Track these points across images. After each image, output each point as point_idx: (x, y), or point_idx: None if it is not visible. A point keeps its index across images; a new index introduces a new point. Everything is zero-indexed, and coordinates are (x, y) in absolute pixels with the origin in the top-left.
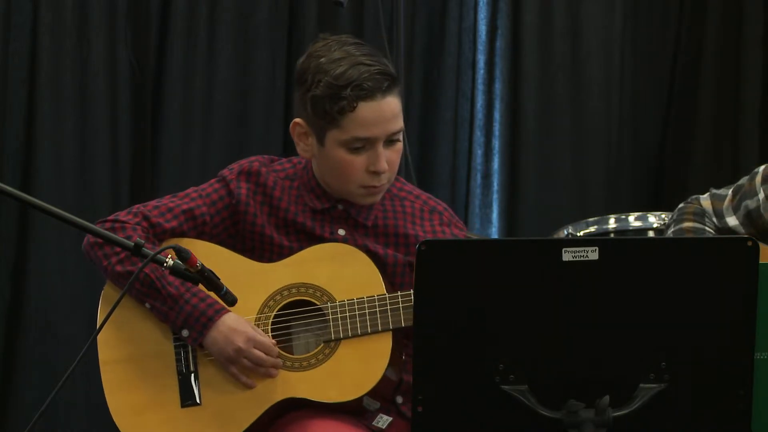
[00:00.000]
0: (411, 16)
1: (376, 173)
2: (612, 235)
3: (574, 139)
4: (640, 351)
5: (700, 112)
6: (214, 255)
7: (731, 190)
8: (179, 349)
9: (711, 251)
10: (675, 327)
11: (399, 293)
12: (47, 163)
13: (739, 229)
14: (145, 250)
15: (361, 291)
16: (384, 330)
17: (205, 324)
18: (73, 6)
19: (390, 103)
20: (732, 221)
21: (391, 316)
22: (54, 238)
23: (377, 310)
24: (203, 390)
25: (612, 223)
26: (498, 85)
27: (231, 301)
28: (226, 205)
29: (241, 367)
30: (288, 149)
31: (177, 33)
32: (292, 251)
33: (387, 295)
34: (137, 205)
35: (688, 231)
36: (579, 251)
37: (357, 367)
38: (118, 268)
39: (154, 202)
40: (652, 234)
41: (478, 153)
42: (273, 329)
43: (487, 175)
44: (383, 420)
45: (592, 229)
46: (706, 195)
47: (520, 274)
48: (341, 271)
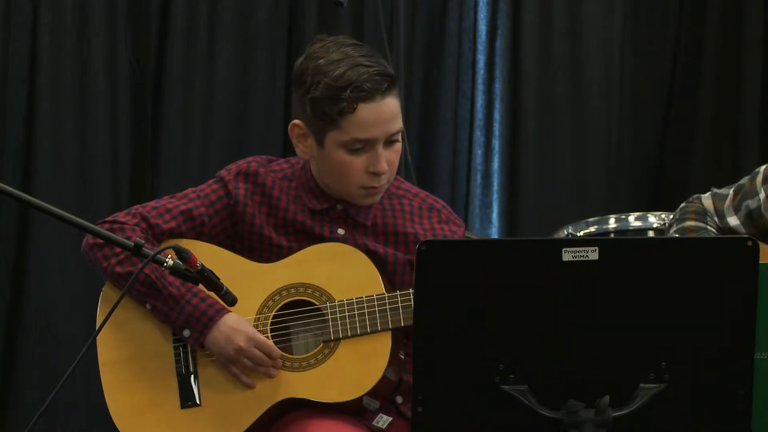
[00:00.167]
0: (411, 16)
1: (376, 174)
2: (612, 235)
3: (574, 139)
4: (640, 351)
5: (700, 112)
6: (212, 255)
7: (732, 189)
8: (179, 349)
9: (711, 251)
10: (675, 327)
11: (398, 293)
12: (47, 163)
13: (740, 229)
14: (146, 250)
15: (360, 291)
16: (383, 330)
17: (206, 324)
18: (73, 6)
19: (389, 104)
20: (733, 221)
21: (390, 315)
22: (54, 238)
23: (376, 309)
24: (203, 391)
25: (612, 223)
26: (498, 85)
27: (231, 301)
28: (224, 205)
29: (242, 367)
30: (288, 149)
31: (177, 33)
32: (291, 251)
33: (386, 294)
34: (136, 206)
35: (690, 230)
36: (579, 251)
37: (357, 367)
38: (118, 269)
39: (153, 203)
40: (652, 234)
41: (478, 153)
42: (272, 329)
43: (487, 175)
44: (383, 420)
45: (592, 229)
46: (708, 194)
47: (520, 274)
48: (340, 270)
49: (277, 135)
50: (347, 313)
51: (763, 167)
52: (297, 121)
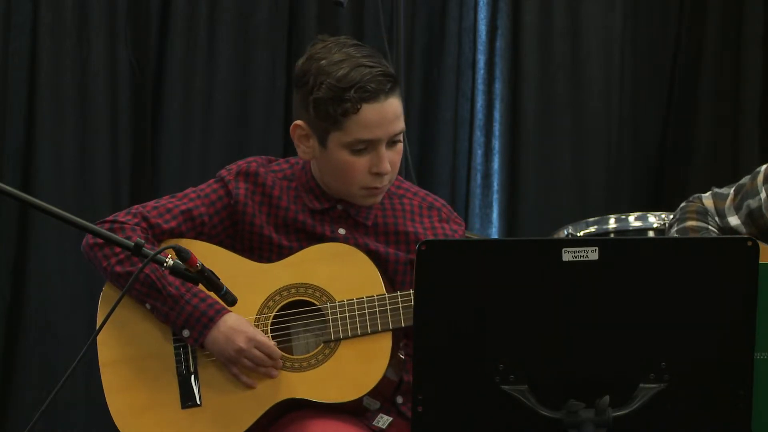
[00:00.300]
0: (411, 16)
1: (379, 174)
2: (612, 235)
3: (574, 139)
4: (640, 351)
5: (700, 112)
6: (213, 255)
7: (733, 189)
8: (179, 349)
9: (711, 251)
10: (675, 327)
11: (399, 293)
12: (47, 163)
13: (741, 229)
14: (146, 250)
15: (360, 291)
16: (384, 330)
17: (206, 324)
18: (73, 6)
19: (392, 105)
20: (734, 221)
21: (390, 316)
22: (54, 238)
23: (377, 310)
24: (203, 391)
25: (612, 223)
26: (498, 85)
27: (231, 301)
28: (224, 205)
29: (242, 368)
30: (288, 149)
31: (177, 33)
32: (291, 251)
33: (387, 295)
34: (136, 206)
35: (692, 230)
36: (579, 251)
37: (357, 368)
38: (118, 268)
39: (153, 203)
40: (652, 234)
41: (478, 153)
42: (272, 329)
43: (487, 175)
44: (383, 420)
45: (592, 229)
46: (708, 194)
47: (520, 274)
48: (341, 271)
49: (277, 135)
50: (348, 314)
51: (763, 167)
52: (299, 122)
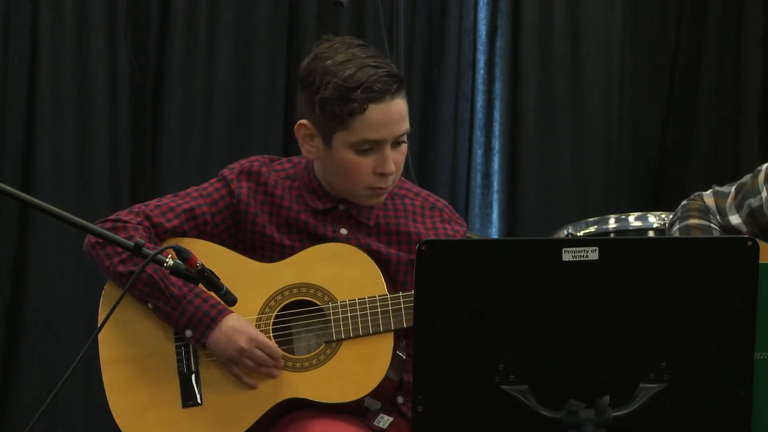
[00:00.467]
0: (411, 16)
1: (383, 175)
2: (612, 235)
3: (574, 139)
4: (640, 351)
5: (700, 112)
6: (215, 255)
7: (734, 187)
8: (180, 349)
9: (711, 251)
10: (675, 327)
11: (400, 293)
12: (47, 163)
13: (742, 228)
14: (146, 251)
15: (362, 291)
16: (385, 330)
17: (208, 324)
18: (73, 6)
19: (398, 105)
20: (735, 219)
21: (392, 316)
22: (54, 238)
23: (378, 310)
24: (204, 390)
25: (612, 223)
26: (498, 85)
27: (231, 301)
28: (227, 204)
29: (243, 368)
30: (288, 149)
31: (177, 33)
32: (293, 251)
33: (389, 295)
34: (138, 205)
35: (694, 228)
36: (579, 251)
37: (359, 368)
38: (120, 268)
39: (155, 202)
40: (652, 234)
41: (478, 153)
42: (274, 329)
43: (487, 175)
44: (384, 420)
45: (592, 229)
46: (709, 192)
47: (520, 274)
48: (342, 271)
49: (277, 135)
50: (349, 314)
51: (764, 165)
52: (304, 121)
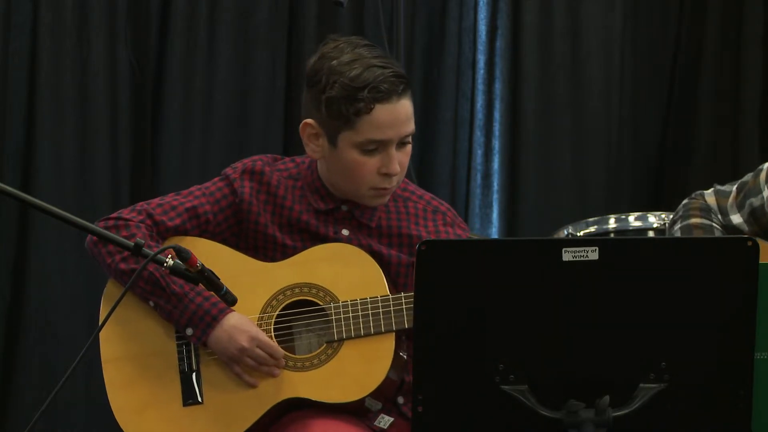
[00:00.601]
0: (411, 16)
1: (388, 175)
2: (612, 235)
3: (574, 139)
4: (640, 351)
5: (700, 112)
6: (217, 254)
7: (735, 186)
8: (181, 347)
9: (711, 251)
10: (675, 327)
11: (402, 294)
12: (47, 163)
13: (744, 227)
14: (146, 251)
15: (364, 292)
16: (387, 331)
17: (209, 323)
18: (73, 6)
19: (404, 106)
20: (736, 219)
21: (394, 317)
22: (54, 238)
23: (380, 311)
24: (205, 389)
25: (612, 223)
26: (498, 85)
27: (231, 301)
28: (229, 203)
29: (245, 367)
30: (288, 149)
31: (177, 33)
32: (296, 250)
33: (390, 296)
34: (141, 203)
35: (696, 227)
36: (579, 251)
37: (360, 368)
38: (122, 266)
39: (158, 200)
40: (652, 234)
41: (478, 153)
42: (275, 329)
43: (487, 175)
44: (385, 420)
45: (592, 229)
46: (711, 191)
47: (520, 274)
48: (344, 271)
49: (277, 135)
50: (351, 314)
51: (766, 164)
52: (309, 120)
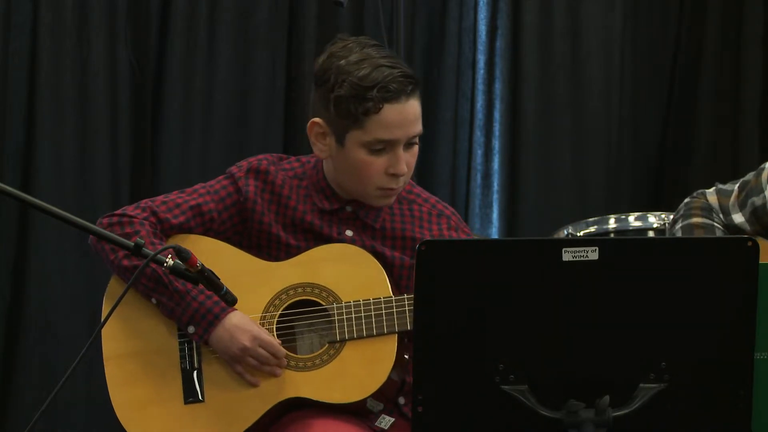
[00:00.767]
0: (411, 16)
1: (395, 176)
2: (612, 235)
3: (574, 139)
4: (640, 351)
5: (700, 112)
6: (220, 252)
7: (737, 186)
8: (183, 345)
9: (711, 251)
10: (675, 327)
11: (405, 296)
12: (47, 163)
13: (745, 227)
14: (146, 251)
15: (367, 293)
16: (389, 332)
17: (211, 322)
18: (73, 6)
19: (413, 106)
20: (738, 218)
21: (397, 318)
22: (54, 238)
23: (383, 312)
24: (207, 387)
25: (612, 223)
26: (498, 85)
27: (231, 301)
28: (234, 202)
29: (246, 366)
30: (288, 149)
31: (177, 33)
32: (299, 250)
33: (393, 297)
34: (145, 200)
35: (697, 227)
36: (579, 251)
37: (362, 369)
38: (125, 262)
39: (162, 197)
40: (652, 234)
41: (478, 153)
42: (278, 328)
43: (487, 175)
44: (386, 421)
45: (592, 229)
46: (712, 189)
47: (520, 274)
48: (348, 272)
49: (277, 135)
50: (354, 315)
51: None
52: (317, 119)
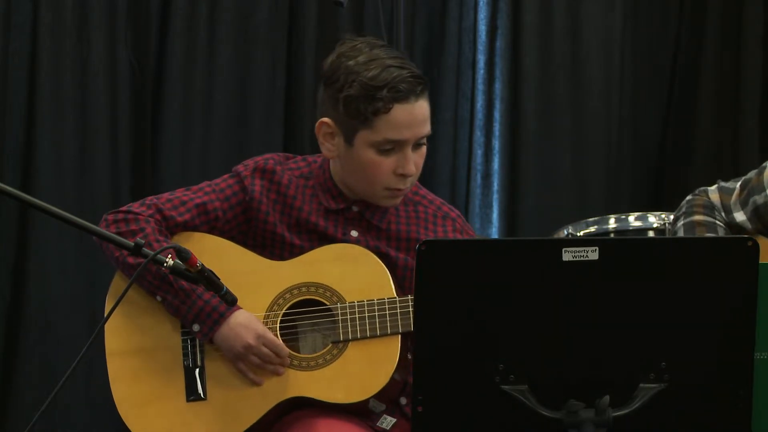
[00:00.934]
0: (411, 16)
1: (403, 176)
2: (612, 235)
3: (574, 139)
4: (640, 351)
5: (700, 112)
6: (224, 251)
7: (739, 184)
8: (187, 342)
9: (711, 251)
10: (675, 327)
11: (409, 297)
12: (47, 163)
13: (747, 225)
14: (145, 251)
15: (371, 293)
16: (393, 333)
17: (216, 320)
18: (73, 6)
19: (422, 107)
20: (740, 216)
21: (400, 319)
22: (54, 238)
23: (387, 312)
24: (209, 385)
25: (612, 223)
26: (498, 85)
27: (231, 301)
28: (239, 200)
29: (249, 364)
30: (288, 149)
31: (177, 33)
32: (303, 250)
33: (397, 298)
34: (150, 197)
35: (699, 224)
36: (579, 251)
37: (365, 370)
38: (130, 260)
39: (167, 195)
40: (652, 234)
41: (478, 153)
42: (281, 327)
43: (487, 175)
44: (387, 421)
45: (592, 229)
46: (714, 187)
47: (520, 274)
48: (352, 272)
49: (277, 135)
50: (357, 315)
51: None
52: (326, 119)
